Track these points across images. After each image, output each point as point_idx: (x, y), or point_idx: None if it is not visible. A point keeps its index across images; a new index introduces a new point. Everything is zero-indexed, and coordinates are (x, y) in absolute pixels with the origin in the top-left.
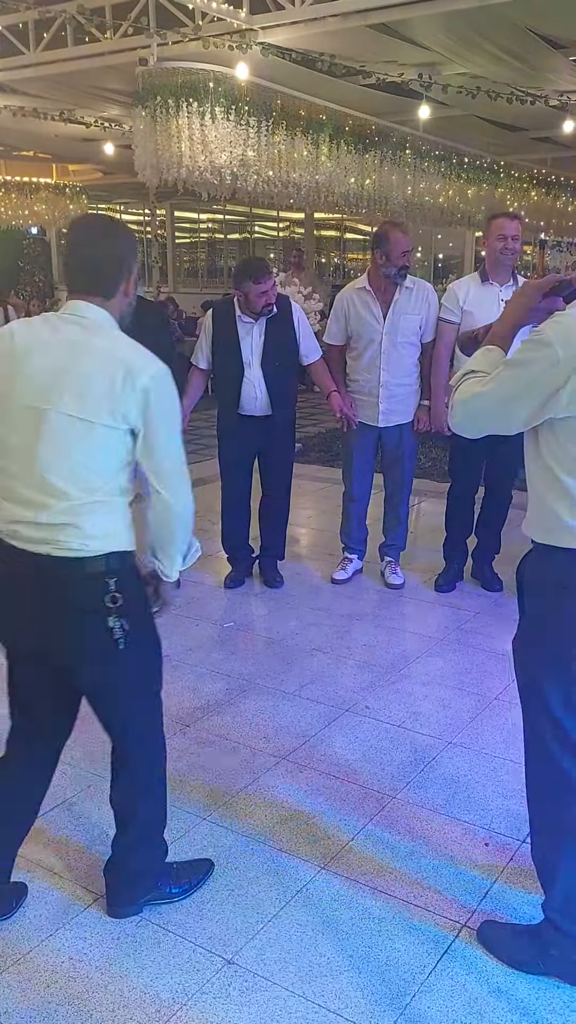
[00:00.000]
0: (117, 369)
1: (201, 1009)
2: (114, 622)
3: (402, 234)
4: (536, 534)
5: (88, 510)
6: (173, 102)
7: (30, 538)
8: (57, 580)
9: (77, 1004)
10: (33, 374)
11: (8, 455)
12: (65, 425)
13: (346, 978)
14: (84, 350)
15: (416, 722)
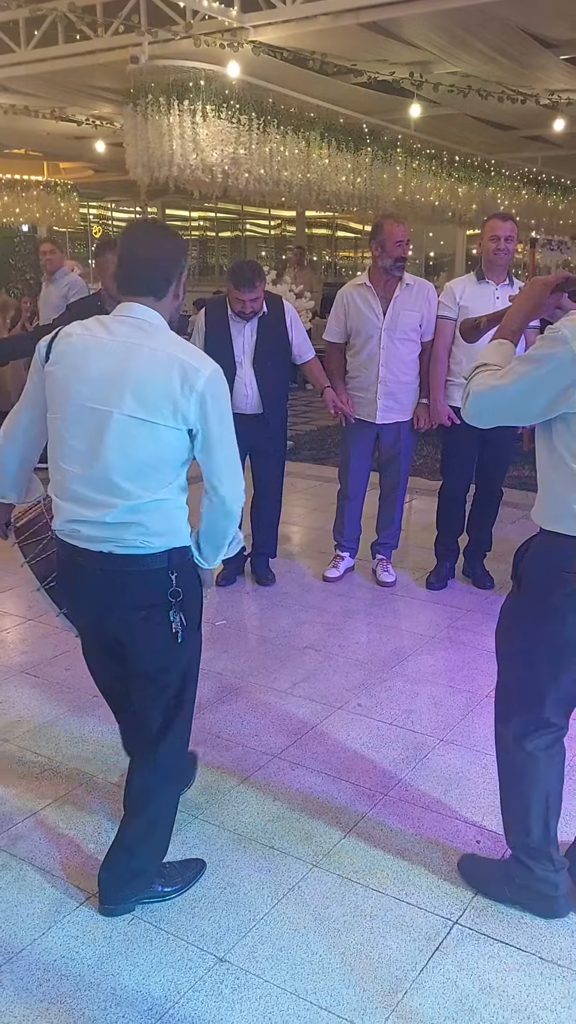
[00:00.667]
0: (175, 371)
1: (194, 1007)
2: (174, 616)
3: (396, 224)
4: (543, 521)
5: (152, 508)
6: (164, 100)
7: (92, 537)
8: (120, 575)
9: (69, 1002)
10: (92, 376)
11: (69, 457)
12: (128, 427)
13: (338, 975)
14: (141, 352)
15: (408, 719)
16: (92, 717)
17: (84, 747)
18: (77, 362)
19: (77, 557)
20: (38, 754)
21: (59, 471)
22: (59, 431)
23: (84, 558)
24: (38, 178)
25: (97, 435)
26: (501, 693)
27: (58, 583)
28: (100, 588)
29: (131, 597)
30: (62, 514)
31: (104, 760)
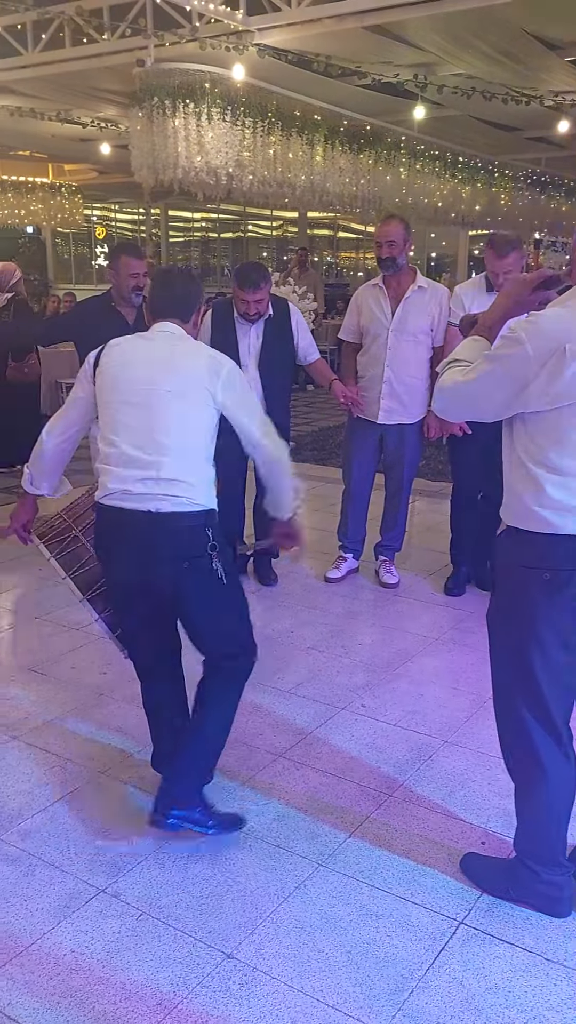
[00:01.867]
0: (203, 361)
1: (202, 1002)
2: (216, 564)
3: (384, 224)
4: (507, 517)
5: (192, 467)
6: (170, 103)
7: (143, 495)
8: (166, 530)
9: (79, 996)
10: (139, 367)
11: (120, 431)
12: (170, 400)
13: (344, 973)
14: (176, 349)
15: (412, 721)
16: (99, 715)
17: (91, 744)
18: (125, 359)
19: (124, 518)
20: (46, 751)
21: (112, 444)
22: (113, 412)
23: (132, 518)
24: (43, 180)
25: (147, 408)
26: (495, 693)
27: (103, 550)
28: (148, 543)
29: (176, 549)
30: (113, 480)
31: (111, 757)
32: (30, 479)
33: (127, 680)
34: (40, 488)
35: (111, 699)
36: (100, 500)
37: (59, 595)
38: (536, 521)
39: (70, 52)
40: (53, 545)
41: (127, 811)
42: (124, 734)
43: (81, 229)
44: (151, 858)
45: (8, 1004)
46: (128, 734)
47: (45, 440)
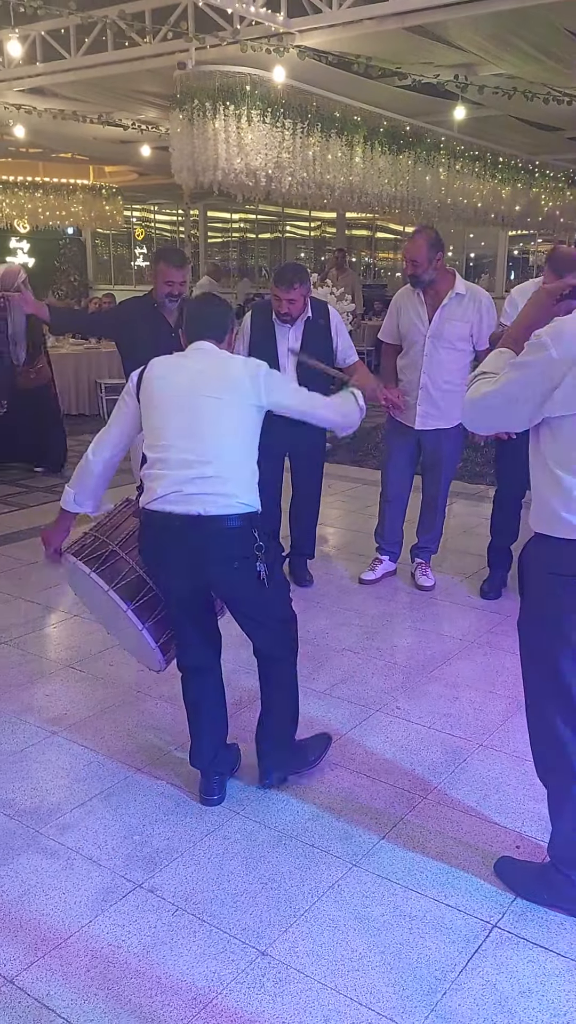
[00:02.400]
0: (240, 368)
1: (236, 998)
2: (260, 566)
3: (409, 242)
4: (535, 523)
5: (239, 469)
6: (210, 105)
7: (190, 497)
8: (213, 532)
9: (116, 989)
10: (181, 378)
11: (168, 436)
12: (214, 404)
13: (377, 973)
14: (214, 360)
15: (447, 724)
16: (136, 712)
17: (129, 741)
18: (168, 372)
19: (174, 521)
20: (84, 746)
21: (160, 449)
22: (160, 420)
23: (180, 522)
24: (84, 182)
25: (192, 413)
26: (527, 699)
27: (152, 554)
28: (197, 545)
29: (224, 550)
30: (163, 484)
31: (148, 754)
32: (73, 497)
33: (163, 678)
34: (83, 506)
35: (148, 696)
36: (147, 506)
37: None
38: (563, 527)
39: (112, 55)
40: (91, 562)
41: (164, 808)
42: (161, 731)
43: (121, 230)
44: (187, 855)
45: (47, 995)
46: (164, 731)
47: (91, 458)
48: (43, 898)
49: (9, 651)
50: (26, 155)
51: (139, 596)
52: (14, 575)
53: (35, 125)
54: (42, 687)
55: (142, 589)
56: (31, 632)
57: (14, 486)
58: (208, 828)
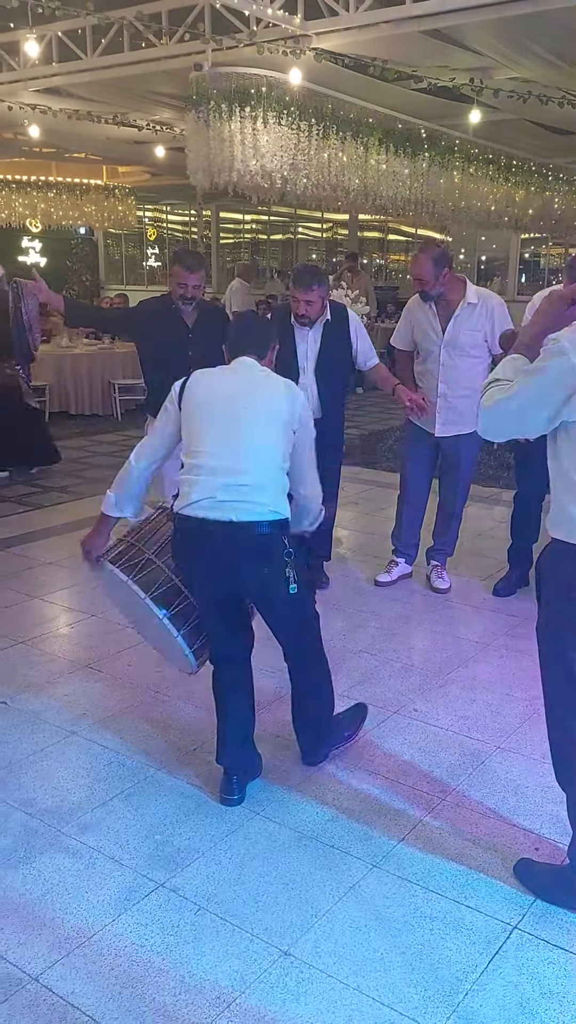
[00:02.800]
0: (282, 387)
1: (259, 998)
2: (289, 572)
3: (413, 261)
4: (552, 528)
5: (270, 478)
6: (226, 107)
7: (223, 503)
8: (244, 538)
9: (140, 987)
10: (224, 390)
11: (206, 443)
12: (251, 417)
13: (399, 974)
14: (256, 376)
15: (465, 726)
16: (155, 712)
17: (149, 742)
18: (208, 384)
19: (207, 526)
20: (104, 747)
21: (197, 456)
22: (199, 428)
23: (213, 527)
24: (97, 182)
25: (231, 422)
26: (546, 706)
27: (185, 558)
28: (229, 551)
29: (254, 556)
30: (197, 489)
31: (168, 754)
32: (114, 502)
33: (182, 679)
34: (124, 511)
35: (166, 697)
36: (180, 510)
37: None
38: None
39: (128, 56)
40: (127, 569)
41: (184, 808)
42: (180, 731)
43: (133, 230)
44: (208, 855)
45: (71, 993)
46: (183, 732)
47: (133, 464)
48: (66, 897)
49: (27, 651)
50: (39, 155)
51: (175, 605)
52: (31, 575)
53: (50, 125)
54: (60, 687)
55: (177, 597)
56: (48, 632)
57: (29, 486)
58: (228, 828)
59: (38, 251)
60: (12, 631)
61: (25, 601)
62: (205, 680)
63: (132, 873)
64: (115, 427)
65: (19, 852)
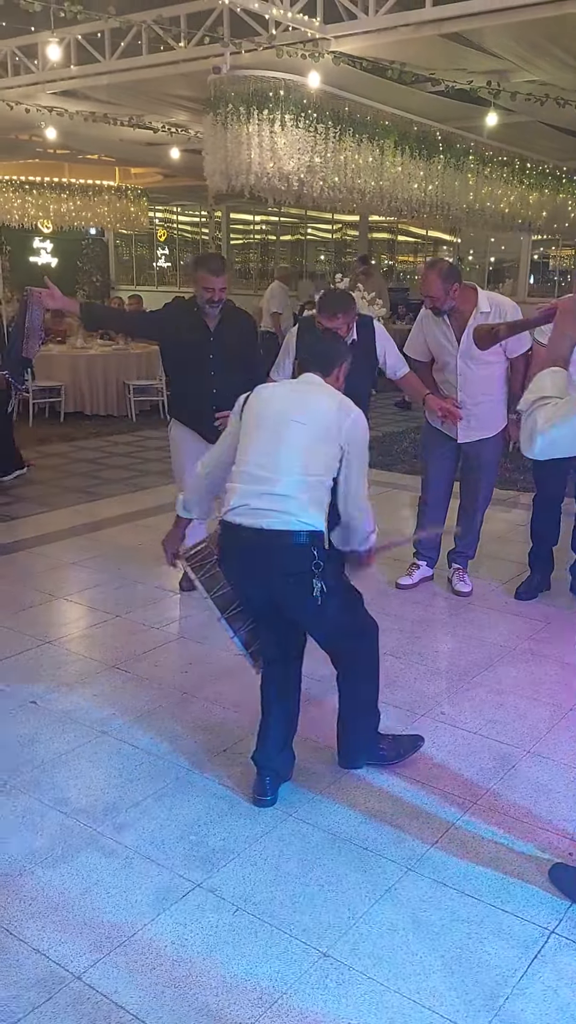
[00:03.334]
0: (335, 403)
1: (301, 998)
2: (316, 583)
3: (422, 280)
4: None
5: (306, 489)
6: (244, 109)
7: (257, 510)
8: (274, 547)
9: (182, 987)
10: (282, 403)
11: (250, 453)
12: (301, 429)
13: (439, 977)
14: (314, 391)
15: (493, 729)
16: (184, 713)
17: (179, 742)
18: (267, 397)
19: (240, 532)
20: (135, 747)
21: (241, 464)
22: (247, 438)
23: (244, 532)
24: (110, 183)
25: (276, 434)
26: None
27: (224, 561)
28: (257, 557)
29: (282, 565)
30: (236, 496)
31: (198, 755)
32: (184, 504)
33: (209, 680)
34: (192, 512)
35: (194, 698)
36: (223, 517)
37: (138, 594)
38: None
39: (147, 59)
40: (197, 567)
41: (217, 809)
42: (210, 732)
43: (143, 231)
44: (243, 855)
45: (114, 992)
46: (214, 732)
47: (199, 469)
48: (104, 896)
49: (54, 651)
50: (53, 156)
51: (232, 607)
52: (54, 575)
53: (66, 127)
54: (89, 687)
55: (236, 600)
56: (74, 632)
57: (50, 486)
58: (262, 830)
59: (49, 252)
60: (38, 631)
61: (49, 601)
62: (233, 681)
63: (169, 873)
64: (130, 428)
65: (56, 851)
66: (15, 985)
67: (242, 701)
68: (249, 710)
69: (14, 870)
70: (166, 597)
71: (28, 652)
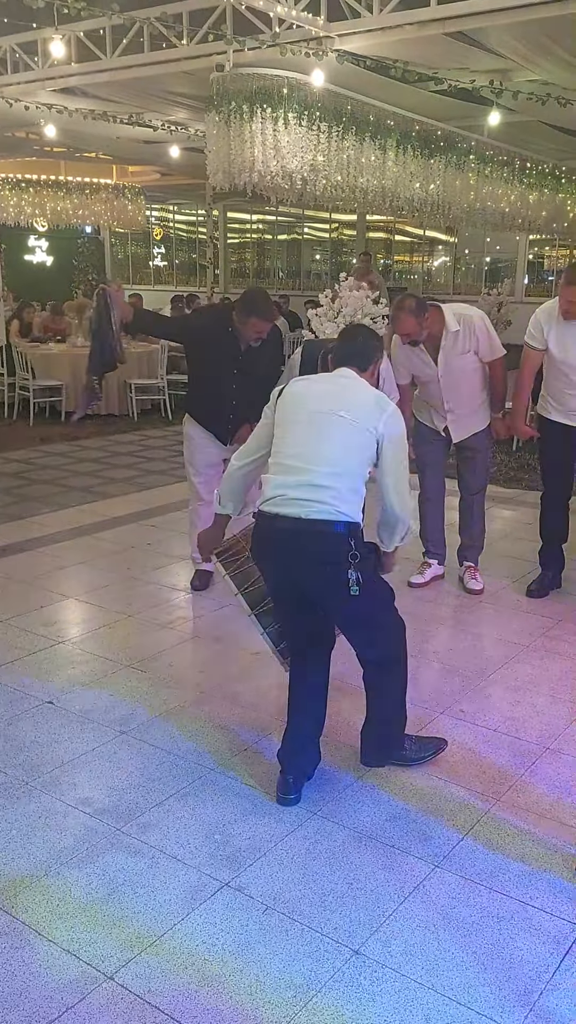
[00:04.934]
0: (372, 397)
1: (335, 996)
2: (352, 574)
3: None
4: None
5: (343, 481)
6: (247, 108)
7: (295, 500)
8: (310, 535)
9: (216, 986)
10: (318, 396)
11: (288, 445)
12: (338, 422)
13: (472, 973)
14: (351, 386)
15: (512, 727)
16: (201, 712)
17: (199, 741)
18: (302, 390)
19: (277, 522)
20: (155, 746)
21: (278, 455)
22: (284, 430)
23: (281, 521)
24: (107, 181)
25: (313, 426)
26: None
27: (258, 552)
28: (295, 546)
29: (319, 554)
30: (272, 486)
31: (219, 755)
32: (218, 498)
33: (226, 679)
34: (226, 508)
35: (212, 697)
36: (259, 507)
37: (149, 593)
38: None
39: (148, 57)
40: (229, 564)
41: (241, 808)
42: (229, 732)
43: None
44: (270, 854)
45: (148, 991)
46: (233, 732)
47: (233, 464)
48: (132, 896)
49: (69, 651)
50: (50, 154)
51: (262, 604)
52: (64, 575)
53: (65, 125)
54: (105, 687)
55: (267, 597)
56: (88, 632)
57: (53, 486)
58: (288, 828)
59: (44, 250)
60: (51, 631)
61: (60, 601)
62: (250, 680)
63: (196, 872)
64: (132, 427)
65: (81, 851)
66: (47, 986)
67: (260, 700)
68: (268, 709)
69: (39, 871)
70: (177, 596)
71: (42, 652)
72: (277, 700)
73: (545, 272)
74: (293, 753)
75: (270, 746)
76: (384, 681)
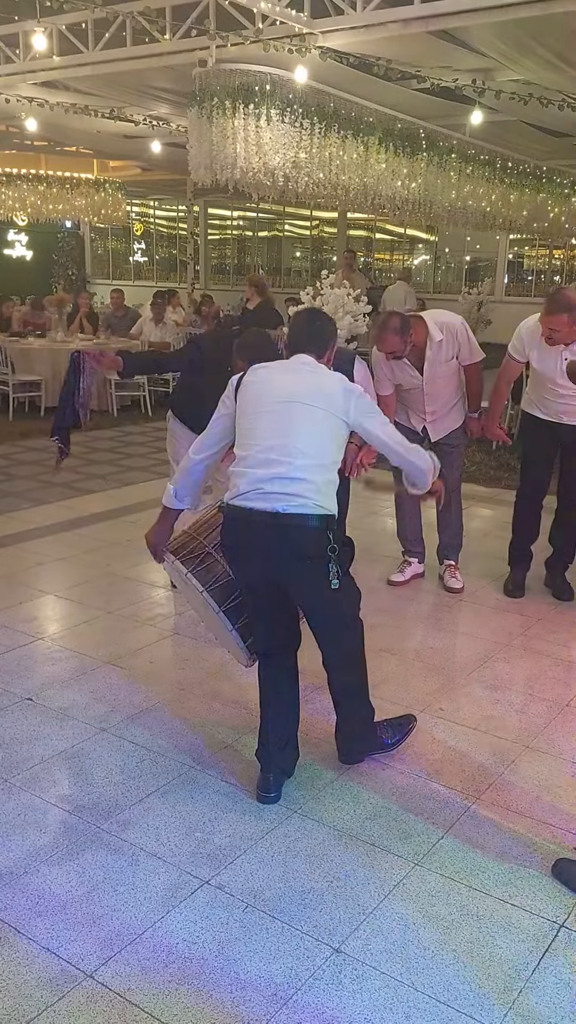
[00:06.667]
0: (338, 383)
1: (315, 995)
2: (333, 567)
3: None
4: None
5: (318, 473)
6: (230, 103)
7: (270, 494)
8: (288, 529)
9: (196, 983)
10: (281, 385)
11: (258, 436)
12: (308, 411)
13: (452, 971)
14: (314, 372)
15: (491, 725)
16: (182, 709)
17: (179, 739)
18: (267, 378)
19: (253, 517)
20: (135, 743)
21: (248, 448)
22: (252, 421)
23: (259, 517)
24: (88, 175)
25: (283, 416)
26: None
27: (230, 548)
28: (272, 542)
29: (297, 548)
30: (245, 480)
31: (199, 752)
32: (173, 494)
33: (207, 676)
34: (183, 502)
35: (192, 694)
36: (229, 501)
37: (128, 590)
38: None
39: (131, 51)
40: (188, 561)
41: (221, 805)
42: (209, 728)
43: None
44: (250, 852)
45: (128, 990)
46: (213, 728)
47: (191, 457)
48: (112, 894)
49: (47, 647)
50: (30, 148)
51: (230, 599)
52: (42, 571)
53: (46, 118)
54: (85, 684)
55: (234, 592)
56: (67, 629)
57: (33, 481)
58: (268, 826)
59: (24, 244)
60: (29, 627)
61: (39, 597)
62: (231, 678)
63: (176, 870)
64: (112, 423)
65: (61, 849)
66: (26, 984)
67: (241, 697)
68: (248, 706)
69: (19, 868)
70: (157, 593)
71: (21, 648)
72: (257, 697)
73: (525, 272)
74: (270, 753)
75: (250, 743)
76: (349, 681)
